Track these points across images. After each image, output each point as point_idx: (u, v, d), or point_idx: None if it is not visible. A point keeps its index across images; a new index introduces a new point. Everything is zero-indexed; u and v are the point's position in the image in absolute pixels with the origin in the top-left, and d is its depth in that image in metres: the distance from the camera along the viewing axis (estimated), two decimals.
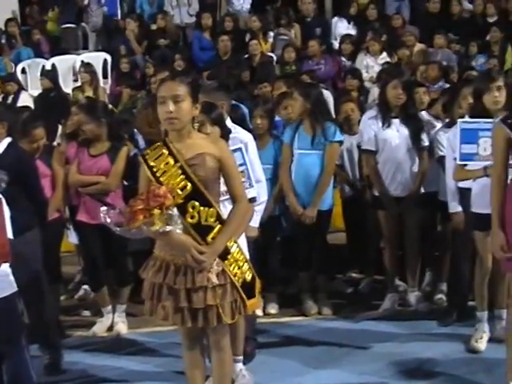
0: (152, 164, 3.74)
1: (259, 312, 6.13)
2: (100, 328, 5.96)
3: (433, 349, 5.34)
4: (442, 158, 5.70)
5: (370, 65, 10.06)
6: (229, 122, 5.00)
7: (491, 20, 11.29)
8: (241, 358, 4.90)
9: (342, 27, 11.39)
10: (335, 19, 11.66)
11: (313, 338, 5.68)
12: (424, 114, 6.29)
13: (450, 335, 5.57)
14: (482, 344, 5.26)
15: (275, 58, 10.67)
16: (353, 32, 11.26)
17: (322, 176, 5.99)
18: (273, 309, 6.23)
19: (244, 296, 3.82)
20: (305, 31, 11.23)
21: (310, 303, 6.18)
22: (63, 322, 5.95)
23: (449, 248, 5.99)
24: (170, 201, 3.57)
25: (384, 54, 10.20)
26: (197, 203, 3.69)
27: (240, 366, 4.85)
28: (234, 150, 4.49)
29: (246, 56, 10.49)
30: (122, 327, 5.93)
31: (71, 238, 6.40)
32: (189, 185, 3.68)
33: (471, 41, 10.60)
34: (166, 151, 3.75)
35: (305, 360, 5.25)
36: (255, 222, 5.16)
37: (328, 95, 8.84)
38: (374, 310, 6.15)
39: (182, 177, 3.69)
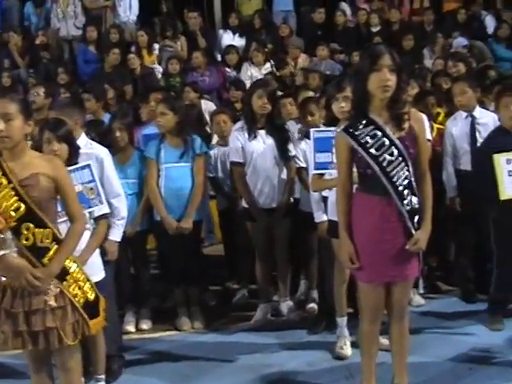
0: None
1: (131, 328, 6.07)
2: None
3: (299, 358, 5.37)
4: (300, 169, 5.77)
5: (255, 75, 10.10)
6: (83, 139, 4.93)
7: (375, 30, 11.53)
8: (102, 377, 4.84)
9: (227, 38, 11.42)
10: (221, 31, 11.68)
11: (182, 352, 5.64)
12: (291, 124, 6.32)
13: (318, 343, 5.62)
14: (346, 350, 5.33)
15: (161, 70, 10.64)
16: (241, 43, 11.33)
17: (193, 188, 5.97)
18: (145, 324, 6.17)
19: (86, 316, 3.76)
20: (191, 43, 11.22)
21: (184, 318, 6.14)
22: None
23: (316, 256, 6.05)
24: (1, 225, 3.50)
25: (268, 64, 10.28)
26: (31, 225, 3.62)
27: None
28: (83, 167, 4.44)
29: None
30: None
31: None
32: (22, 206, 3.61)
33: (355, 50, 10.77)
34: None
35: (171, 376, 5.21)
36: (116, 236, 5.11)
37: (211, 106, 8.93)
38: (248, 322, 6.15)
39: (15, 198, 3.61)
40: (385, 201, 4.01)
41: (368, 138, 3.98)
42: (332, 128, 4.88)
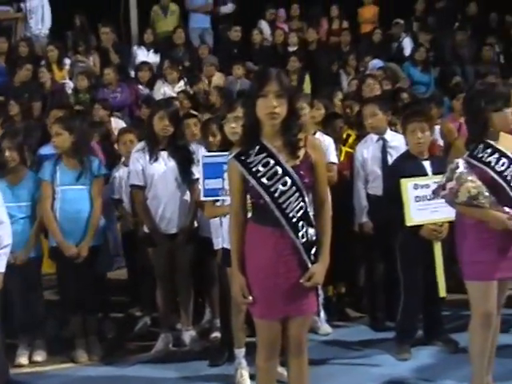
0: None
1: (24, 361, 5.73)
2: None
3: None
4: None
5: (168, 93, 9.85)
6: None
7: (291, 49, 11.43)
8: None
9: (142, 55, 11.16)
10: (135, 47, 11.41)
11: None
12: (195, 146, 6.09)
13: (218, 376, 5.37)
14: (245, 382, 5.11)
15: (72, 86, 10.29)
16: (155, 59, 11.08)
17: (91, 211, 5.68)
18: (39, 356, 5.82)
19: None
20: (104, 58, 10.90)
21: (81, 349, 5.81)
22: None
23: (217, 284, 5.82)
24: None
25: (182, 82, 10.05)
26: None
27: None
28: None
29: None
30: None
31: None
32: None
33: None
34: None
35: None
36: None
37: (121, 124, 8.65)
38: (148, 352, 5.87)
39: None
40: (278, 233, 3.79)
41: (260, 167, 3.76)
42: (224, 153, 4.61)
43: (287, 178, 3.76)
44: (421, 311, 5.75)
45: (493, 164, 4.35)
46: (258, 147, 3.80)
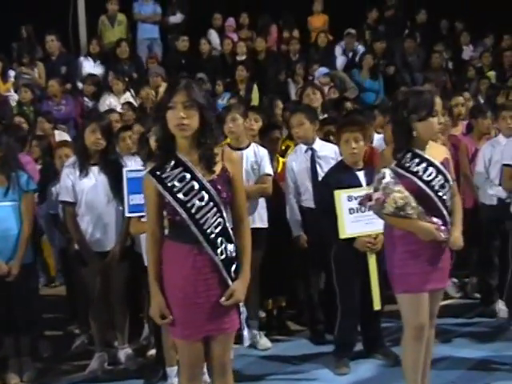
0: None
1: None
2: None
3: None
4: None
5: (114, 104, 9.72)
6: None
7: (240, 59, 11.34)
8: None
9: (88, 66, 10.99)
10: (82, 58, 11.25)
11: None
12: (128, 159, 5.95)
13: None
14: None
15: (17, 98, 10.10)
16: (102, 71, 10.93)
17: (21, 228, 5.51)
18: None
19: None
20: (49, 70, 10.73)
21: (13, 371, 5.63)
22: None
23: None
24: None
25: (128, 93, 9.92)
26: None
27: None
28: None
29: None
30: None
31: None
32: None
33: (218, 79, 10.54)
34: None
35: None
36: None
37: (65, 137, 8.50)
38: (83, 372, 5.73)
39: None
40: (196, 250, 3.68)
41: (176, 182, 3.65)
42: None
43: (204, 193, 3.65)
44: (358, 324, 5.67)
45: (420, 173, 4.28)
46: (173, 162, 3.69)
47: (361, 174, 5.40)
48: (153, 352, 5.85)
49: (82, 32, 12.54)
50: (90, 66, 10.98)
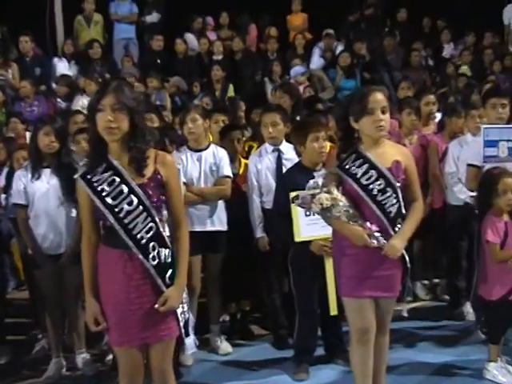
0: None
1: None
2: None
3: None
4: None
5: (86, 105, 9.55)
6: None
7: (216, 58, 11.22)
8: None
9: (62, 66, 10.86)
10: (56, 59, 11.11)
11: None
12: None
13: None
14: None
15: None
16: (75, 71, 10.81)
17: None
18: None
19: None
20: (23, 71, 10.59)
21: None
22: None
23: None
24: None
25: None
26: None
27: None
28: None
29: None
30: None
31: None
32: None
33: (194, 80, 10.41)
34: None
35: None
36: None
37: None
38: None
39: None
40: (126, 256, 3.57)
41: (105, 186, 3.54)
42: None
43: (133, 197, 3.54)
44: (318, 328, 5.55)
45: (358, 176, 4.13)
46: (104, 165, 3.58)
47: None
48: (111, 357, 5.74)
49: (59, 32, 12.41)
50: (64, 67, 10.84)
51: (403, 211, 4.23)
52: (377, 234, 4.14)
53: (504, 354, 5.27)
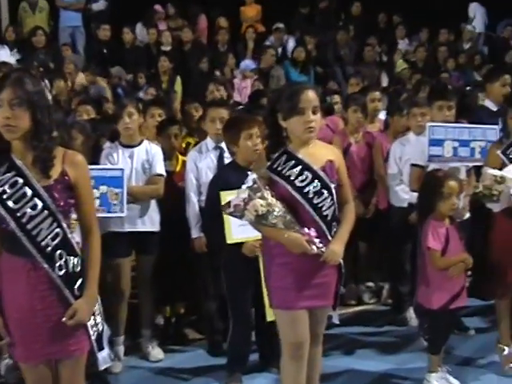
0: None
1: None
2: None
3: None
4: None
5: None
6: None
7: (165, 49, 10.90)
8: None
9: (4, 54, 10.43)
10: None
11: None
12: None
13: None
14: None
15: None
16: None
17: None
18: None
19: None
20: None
21: None
22: None
23: None
24: None
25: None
26: None
27: None
28: None
29: None
30: None
31: None
32: None
33: (140, 71, 10.08)
34: None
35: None
36: None
37: None
38: None
39: None
40: (30, 264, 3.26)
41: (7, 187, 3.22)
42: None
43: (37, 201, 3.23)
44: (252, 335, 5.29)
45: (292, 178, 3.87)
46: (6, 164, 3.27)
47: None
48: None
49: (3, 19, 12.01)
50: (6, 55, 10.40)
51: (337, 213, 4.00)
52: (316, 240, 3.88)
53: (446, 363, 5.07)
